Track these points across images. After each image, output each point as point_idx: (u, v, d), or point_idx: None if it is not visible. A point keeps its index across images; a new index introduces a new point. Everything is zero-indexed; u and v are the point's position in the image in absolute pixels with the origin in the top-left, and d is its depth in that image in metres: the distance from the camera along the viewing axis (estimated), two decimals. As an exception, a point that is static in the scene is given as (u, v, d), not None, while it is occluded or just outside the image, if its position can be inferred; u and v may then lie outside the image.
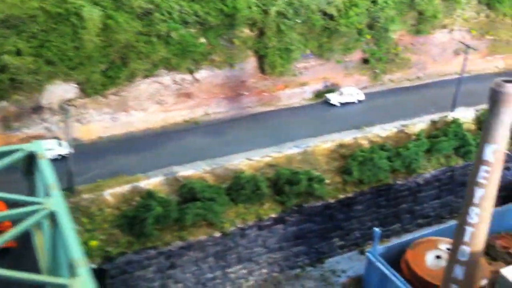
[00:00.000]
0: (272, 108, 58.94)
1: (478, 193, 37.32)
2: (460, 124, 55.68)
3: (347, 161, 51.03)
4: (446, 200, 55.83)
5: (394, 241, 49.85)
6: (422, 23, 66.51)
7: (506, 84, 34.84)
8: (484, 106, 60.62)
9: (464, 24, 70.36)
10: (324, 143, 53.09)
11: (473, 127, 59.02)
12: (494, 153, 35.99)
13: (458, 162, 55.11)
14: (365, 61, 64.40)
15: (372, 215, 53.17)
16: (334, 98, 60.16)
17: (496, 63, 72.99)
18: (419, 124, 57.15)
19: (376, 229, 44.18)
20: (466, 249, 39.35)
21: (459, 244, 39.63)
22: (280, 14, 56.98)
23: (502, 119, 35.25)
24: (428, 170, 54.34)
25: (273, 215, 47.30)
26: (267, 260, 48.81)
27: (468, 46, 57.16)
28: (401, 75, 67.32)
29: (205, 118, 55.78)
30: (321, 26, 59.72)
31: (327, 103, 60.14)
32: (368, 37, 63.25)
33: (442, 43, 69.24)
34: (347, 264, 52.32)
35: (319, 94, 61.64)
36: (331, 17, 59.90)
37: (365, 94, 62.64)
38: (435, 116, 58.22)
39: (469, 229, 38.67)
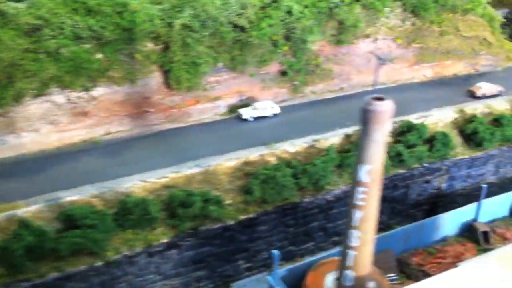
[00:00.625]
0: (181, 125, 56.45)
1: (357, 215, 35.24)
2: (373, 138, 53.48)
3: (249, 179, 48.59)
4: (362, 216, 53.46)
5: (301, 262, 47.43)
6: (342, 33, 64.51)
7: (375, 102, 32.89)
8: (402, 118, 59.17)
9: (389, 33, 68.52)
10: (228, 161, 50.55)
11: (388, 139, 56.79)
12: (369, 173, 33.95)
13: (372, 177, 52.70)
14: (283, 73, 62.23)
15: (280, 234, 50.73)
16: (246, 112, 57.82)
17: (424, 72, 71.29)
18: (331, 138, 54.86)
19: (275, 252, 41.88)
20: (350, 273, 37.31)
21: (343, 268, 37.55)
22: (185, 27, 54.60)
23: (374, 138, 33.27)
24: (339, 186, 52.10)
25: (165, 240, 44.62)
26: (163, 287, 46.05)
27: (379, 58, 55.26)
28: (324, 87, 65.22)
29: (106, 137, 53.14)
30: (232, 39, 57.45)
31: (240, 118, 57.77)
32: (285, 48, 61.07)
33: (366, 53, 67.32)
34: (255, 286, 49.85)
35: (233, 109, 59.27)
36: (242, 29, 57.68)
37: (284, 107, 60.44)
38: (349, 130, 56.07)
39: (351, 253, 36.66)
